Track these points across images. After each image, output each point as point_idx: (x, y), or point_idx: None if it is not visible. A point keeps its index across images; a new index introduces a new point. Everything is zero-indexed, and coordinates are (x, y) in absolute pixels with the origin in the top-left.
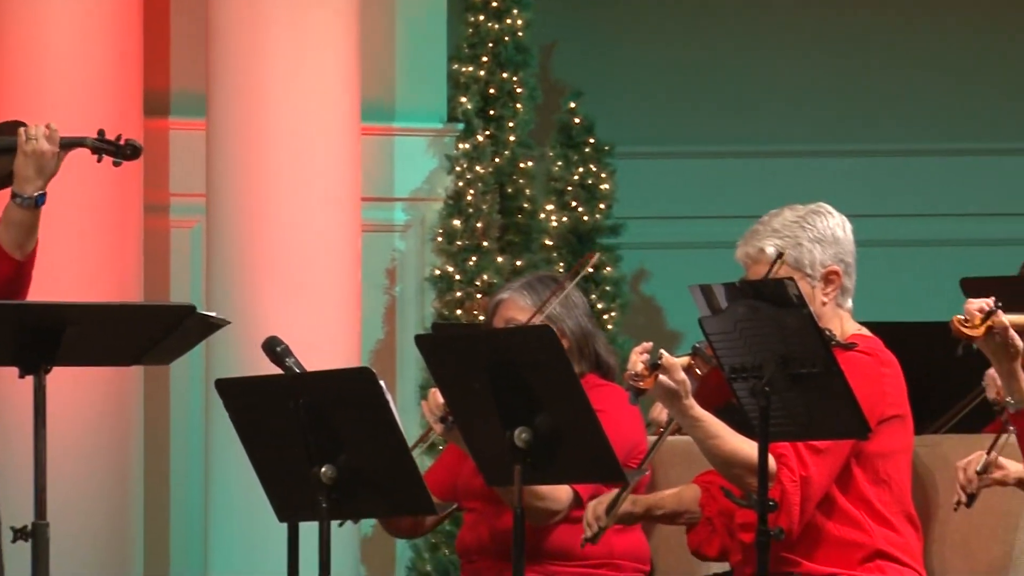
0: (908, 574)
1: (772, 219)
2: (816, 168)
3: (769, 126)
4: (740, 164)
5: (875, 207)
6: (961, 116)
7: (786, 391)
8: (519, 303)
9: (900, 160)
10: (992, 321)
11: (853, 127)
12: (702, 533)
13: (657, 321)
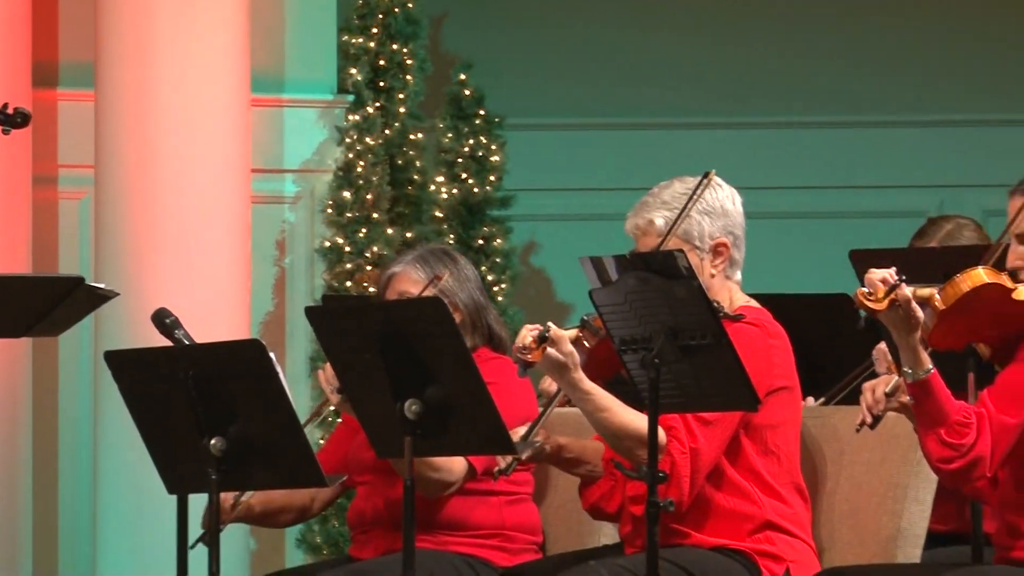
0: (796, 545)
1: (661, 191)
2: (706, 140)
3: (659, 98)
4: (630, 136)
5: (764, 179)
6: (849, 88)
7: (675, 362)
8: (412, 276)
9: (789, 132)
10: (896, 294)
11: (743, 99)
12: (604, 487)
13: (547, 293)
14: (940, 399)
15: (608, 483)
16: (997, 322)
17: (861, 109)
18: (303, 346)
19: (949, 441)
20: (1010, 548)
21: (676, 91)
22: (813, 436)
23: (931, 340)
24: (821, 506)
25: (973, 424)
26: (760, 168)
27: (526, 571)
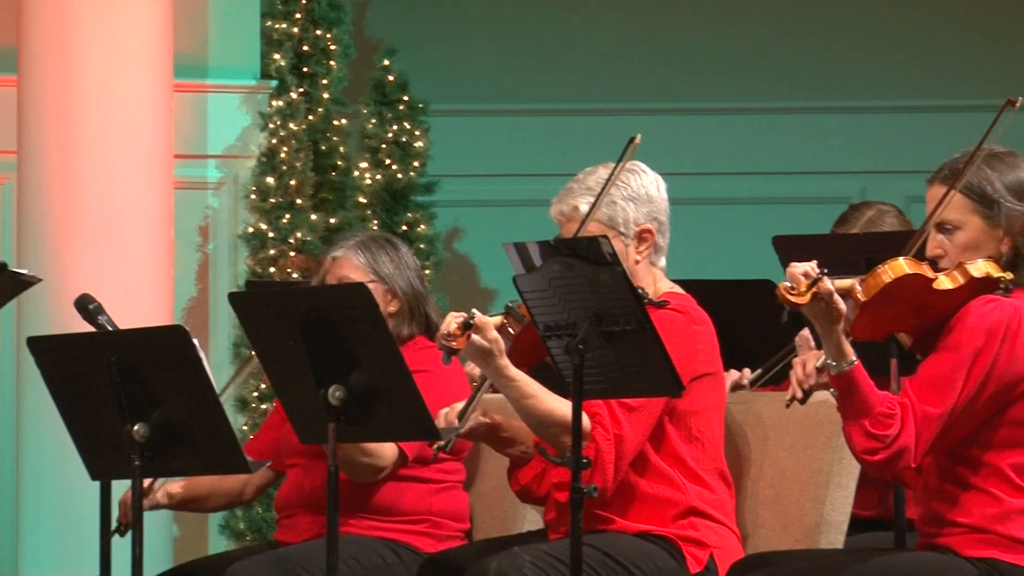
0: (720, 531)
1: (586, 177)
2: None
3: (584, 84)
4: (554, 122)
5: (688, 165)
6: (774, 74)
7: (599, 349)
8: (353, 261)
9: (713, 118)
10: (818, 287)
11: (668, 85)
12: (535, 469)
13: (471, 279)
14: (864, 391)
15: (539, 465)
16: (918, 312)
17: (784, 95)
18: (226, 332)
19: (873, 432)
20: (933, 535)
21: (601, 77)
22: (737, 422)
23: (853, 331)
24: (745, 492)
25: (897, 415)
26: (684, 154)
27: (450, 557)
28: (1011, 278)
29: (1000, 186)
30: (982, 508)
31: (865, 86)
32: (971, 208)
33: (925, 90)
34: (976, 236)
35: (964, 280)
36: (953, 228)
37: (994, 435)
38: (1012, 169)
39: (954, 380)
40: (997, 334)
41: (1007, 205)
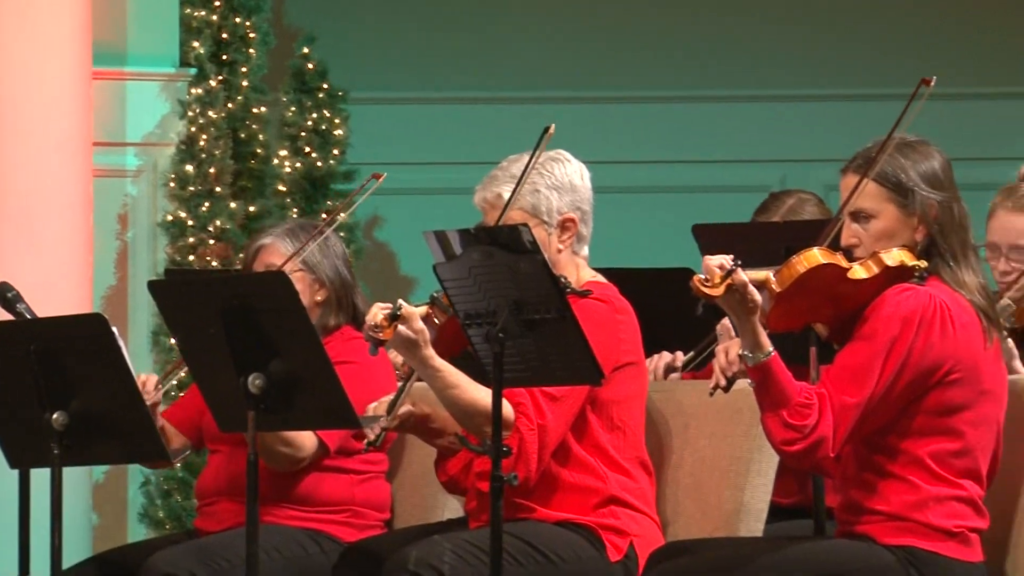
0: (640, 519)
1: (511, 165)
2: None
3: (505, 72)
4: (475, 111)
5: (609, 153)
6: (692, 62)
7: (520, 337)
8: (280, 249)
9: (634, 106)
10: (732, 279)
11: (589, 73)
12: (463, 460)
13: (391, 267)
14: (781, 381)
15: (467, 456)
16: (834, 302)
17: (704, 84)
18: (146, 320)
19: (791, 423)
20: (852, 523)
21: (522, 65)
22: (658, 410)
23: (769, 322)
24: (666, 480)
25: (815, 405)
26: (606, 143)
27: (370, 546)
28: (926, 266)
29: (914, 174)
30: (900, 496)
31: (785, 75)
32: (885, 197)
33: (844, 78)
34: (891, 225)
35: (879, 269)
36: (868, 217)
37: (911, 423)
38: (925, 157)
39: (871, 369)
40: (912, 322)
41: (921, 193)
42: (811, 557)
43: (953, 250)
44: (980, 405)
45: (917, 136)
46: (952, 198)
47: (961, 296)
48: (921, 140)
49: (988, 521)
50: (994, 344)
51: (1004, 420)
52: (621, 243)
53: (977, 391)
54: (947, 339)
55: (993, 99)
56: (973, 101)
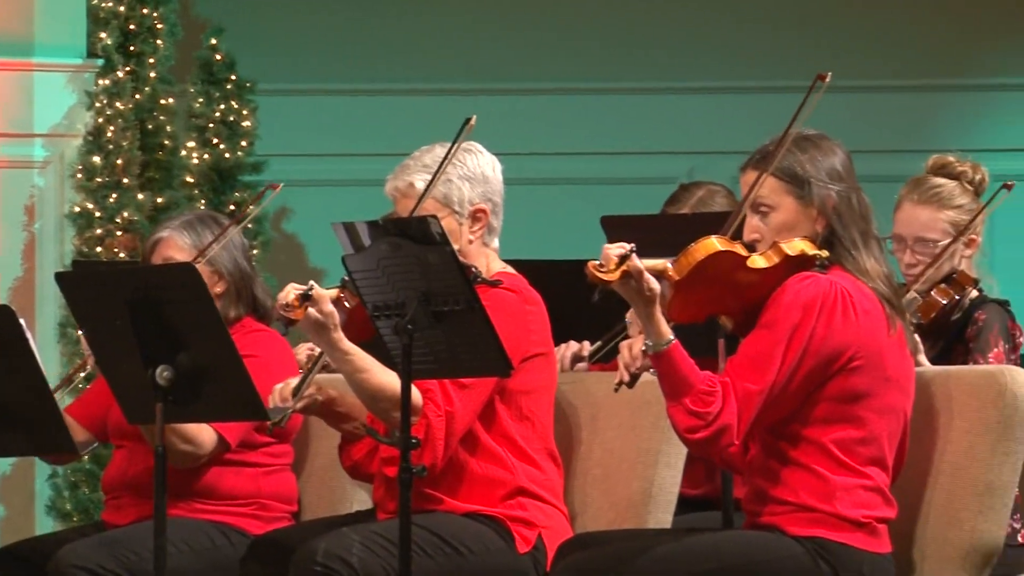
0: (548, 511)
1: (423, 154)
2: (460, 106)
3: (416, 64)
4: (384, 102)
5: (519, 145)
6: (602, 55)
7: (429, 328)
8: (178, 242)
9: (544, 98)
10: (627, 265)
11: (499, 66)
12: (367, 446)
13: (300, 259)
14: (683, 370)
15: (371, 442)
16: (736, 292)
17: (613, 76)
18: (53, 312)
19: (695, 410)
20: (758, 513)
21: (432, 57)
22: (567, 401)
23: (670, 313)
24: (574, 471)
25: (718, 393)
26: (516, 134)
27: (278, 538)
28: (827, 255)
29: (811, 167)
30: (807, 486)
31: (693, 67)
32: (784, 190)
33: (752, 71)
34: (790, 217)
35: (779, 259)
36: (768, 210)
37: (815, 411)
38: (822, 150)
39: (773, 356)
40: (813, 309)
41: (819, 185)
42: (719, 549)
43: (854, 239)
44: (884, 392)
45: (815, 130)
46: (851, 189)
47: (863, 284)
48: (819, 134)
49: (896, 511)
50: (898, 332)
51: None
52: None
53: (881, 378)
54: (849, 325)
55: (903, 92)
56: (882, 93)
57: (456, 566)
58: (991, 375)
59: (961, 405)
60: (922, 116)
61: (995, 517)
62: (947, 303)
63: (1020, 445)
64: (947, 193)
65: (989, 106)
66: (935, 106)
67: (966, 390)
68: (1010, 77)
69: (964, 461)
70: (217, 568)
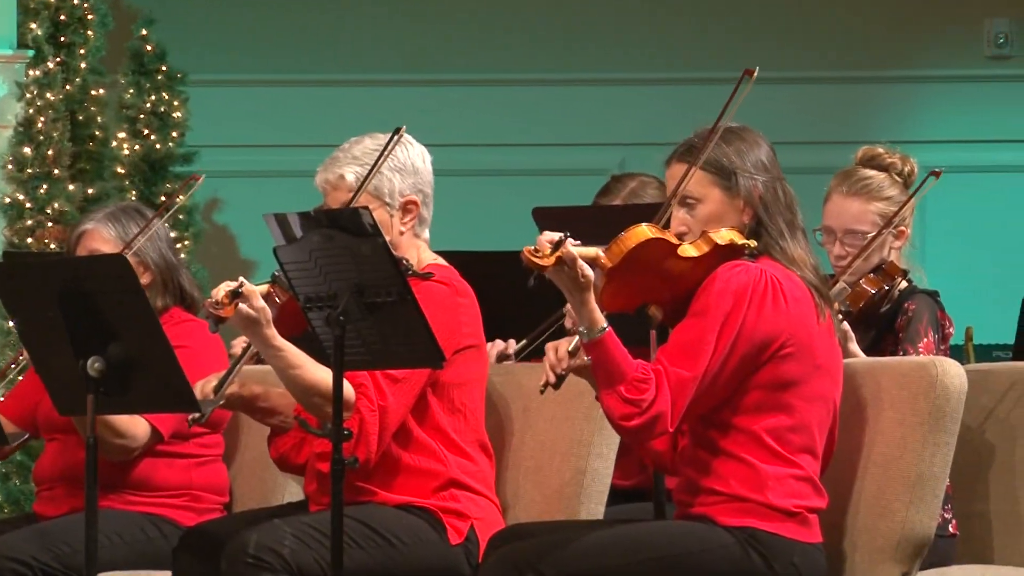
0: (480, 502)
1: (353, 146)
2: (392, 98)
3: (347, 55)
4: (318, 93)
5: (451, 136)
6: (532, 46)
7: (361, 320)
8: (103, 234)
9: (475, 90)
10: (561, 252)
11: (430, 56)
12: (294, 438)
13: (231, 250)
14: (617, 357)
15: (298, 434)
16: (667, 281)
17: (545, 67)
18: None
19: (629, 398)
20: (690, 503)
21: (363, 48)
22: (499, 392)
23: (602, 301)
24: (507, 463)
25: (651, 380)
26: (447, 126)
27: (210, 529)
28: (755, 245)
29: (737, 158)
30: (738, 476)
31: (624, 58)
32: (710, 181)
33: (683, 62)
34: (717, 208)
35: (709, 248)
36: (695, 202)
37: (746, 399)
38: (747, 142)
39: (705, 343)
40: (744, 297)
41: (745, 176)
42: (650, 539)
43: (780, 229)
44: (814, 380)
45: (740, 123)
46: (776, 180)
47: (792, 272)
48: (743, 126)
49: (826, 500)
50: (827, 320)
51: (840, 401)
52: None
53: (811, 366)
54: (779, 313)
55: (832, 83)
56: (812, 85)
57: (388, 557)
58: (922, 366)
59: (892, 396)
60: (851, 108)
61: (926, 508)
62: (876, 292)
63: (951, 436)
64: (876, 185)
65: (918, 98)
66: (864, 98)
67: (897, 381)
68: (939, 69)
69: (895, 452)
70: (149, 559)
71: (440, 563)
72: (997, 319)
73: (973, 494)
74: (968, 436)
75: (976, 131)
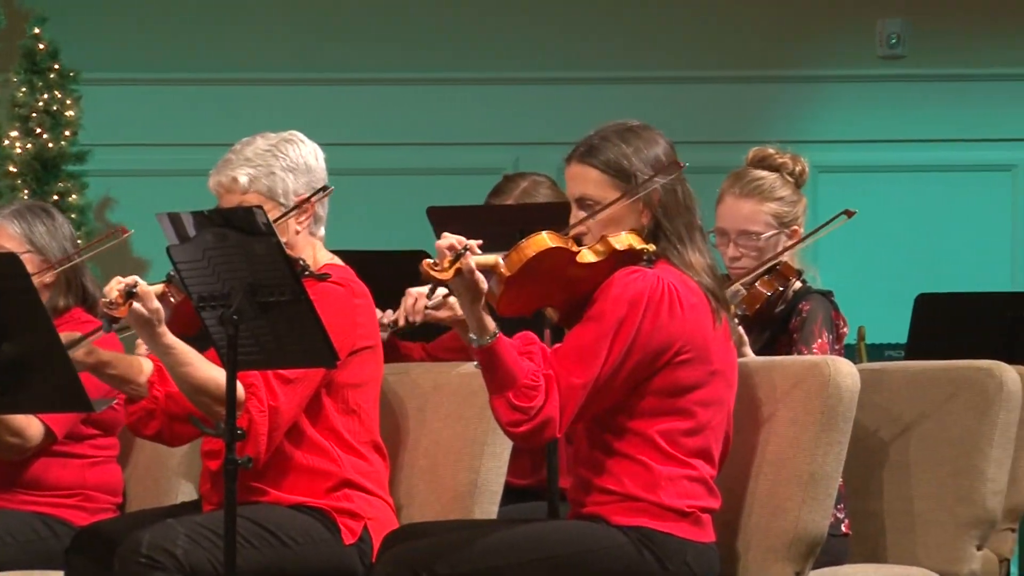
0: (374, 502)
1: (244, 148)
2: (288, 96)
3: (241, 54)
4: (211, 92)
5: (345, 135)
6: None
7: (254, 319)
8: (8, 231)
9: (368, 89)
10: (460, 263)
11: (323, 56)
12: (142, 411)
13: (123, 249)
14: (507, 363)
15: (148, 405)
16: (564, 286)
17: (437, 66)
18: None
19: (518, 404)
20: (583, 503)
21: (257, 46)
22: (394, 392)
23: (499, 307)
24: (401, 463)
25: (541, 387)
26: (340, 124)
27: (102, 529)
28: (654, 249)
29: (636, 160)
30: (632, 476)
31: (517, 58)
32: (609, 183)
33: (575, 61)
34: (616, 211)
35: (607, 253)
36: (593, 204)
37: (641, 403)
38: (647, 143)
39: (598, 350)
40: (640, 304)
41: (644, 178)
42: (543, 539)
43: (679, 232)
44: (710, 385)
45: (640, 121)
46: (675, 181)
47: (689, 277)
48: (642, 124)
49: (720, 501)
50: (723, 324)
51: (734, 402)
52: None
53: (707, 371)
54: (675, 320)
55: (724, 82)
56: (703, 84)
57: (282, 557)
58: (815, 366)
59: (785, 396)
60: (746, 107)
61: (819, 507)
62: (771, 294)
63: (843, 435)
64: (768, 185)
65: (811, 97)
66: (759, 97)
67: (790, 380)
68: (832, 69)
69: (788, 451)
70: (42, 559)
71: (333, 563)
72: (889, 319)
73: (866, 493)
74: (862, 435)
75: (868, 131)
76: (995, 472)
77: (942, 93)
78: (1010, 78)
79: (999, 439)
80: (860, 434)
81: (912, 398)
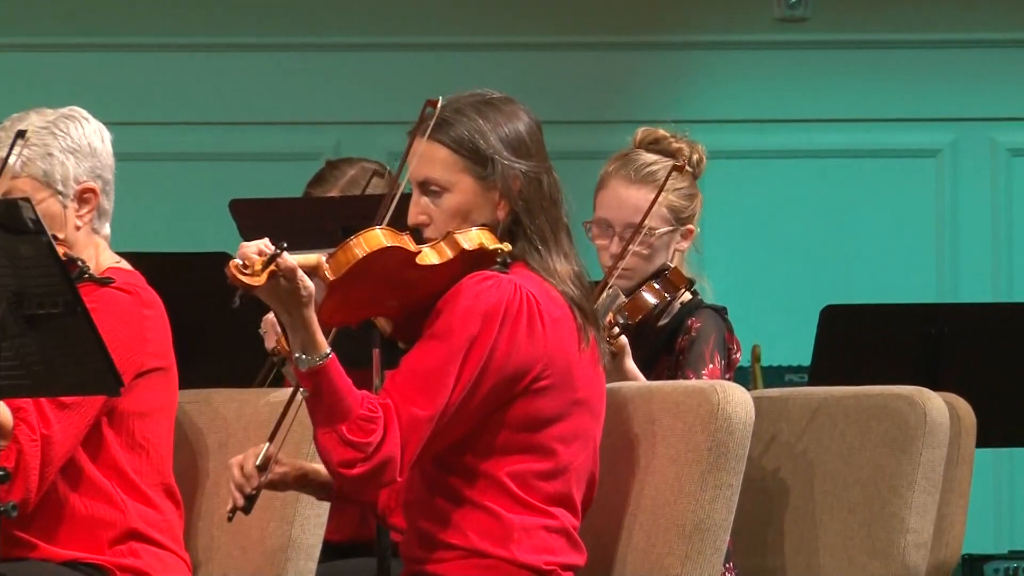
0: (166, 557)
1: (15, 124)
2: (64, 64)
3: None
4: None
5: (130, 113)
6: (228, 6)
7: (20, 336)
8: None
9: (161, 56)
10: (276, 264)
11: (106, 17)
12: None
13: None
14: (341, 390)
15: None
16: (400, 292)
17: (245, 30)
18: None
19: (351, 440)
20: (422, 560)
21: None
22: (191, 423)
23: (321, 316)
24: (199, 511)
25: (379, 419)
26: (129, 99)
27: None
28: (509, 250)
29: (495, 139)
30: (480, 527)
31: (342, 20)
32: (460, 166)
33: (415, 25)
34: (468, 200)
35: (454, 253)
36: (440, 190)
37: (492, 440)
38: (509, 119)
39: (445, 374)
40: (495, 318)
41: (503, 162)
42: None
43: (542, 231)
44: (573, 417)
45: (501, 93)
46: (541, 168)
47: (552, 286)
48: (506, 98)
49: (585, 556)
50: (591, 346)
51: (601, 438)
52: (149, 221)
53: (570, 400)
54: (535, 338)
55: (593, 50)
56: (570, 52)
57: None
58: (701, 392)
59: (665, 429)
60: (617, 81)
61: (705, 563)
62: (658, 304)
63: (735, 476)
64: (664, 173)
65: (690, 68)
66: (633, 68)
67: (671, 410)
68: (716, 34)
69: (669, 496)
70: None
71: None
72: (789, 336)
73: (762, 546)
74: (757, 476)
75: (762, 109)
76: (917, 521)
77: (852, 63)
78: (934, 45)
79: (921, 481)
80: (755, 475)
81: (817, 431)
